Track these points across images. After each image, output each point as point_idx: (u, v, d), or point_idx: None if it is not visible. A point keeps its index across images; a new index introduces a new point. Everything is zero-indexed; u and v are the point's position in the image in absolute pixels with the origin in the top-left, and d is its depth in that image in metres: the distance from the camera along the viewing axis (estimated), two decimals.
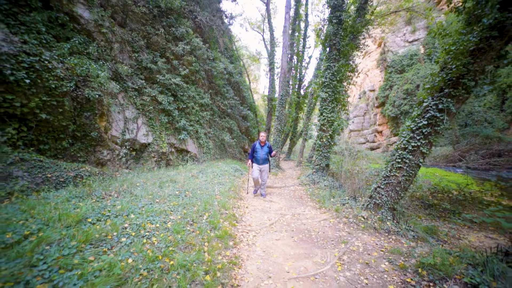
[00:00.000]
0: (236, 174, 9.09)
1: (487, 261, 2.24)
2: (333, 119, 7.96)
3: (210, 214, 3.86)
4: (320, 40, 10.69)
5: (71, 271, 1.82)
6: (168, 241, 2.68)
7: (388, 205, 4.29)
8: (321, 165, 8.07)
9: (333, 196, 5.86)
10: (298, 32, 16.96)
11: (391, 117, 28.40)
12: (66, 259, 1.94)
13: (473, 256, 2.44)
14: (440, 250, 2.80)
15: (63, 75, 4.52)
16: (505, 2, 3.17)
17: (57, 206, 2.94)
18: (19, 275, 1.66)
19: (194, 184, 5.66)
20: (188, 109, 9.28)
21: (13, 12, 3.98)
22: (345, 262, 2.97)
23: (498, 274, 2.04)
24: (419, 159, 4.11)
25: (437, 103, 3.91)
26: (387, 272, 2.69)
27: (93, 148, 5.73)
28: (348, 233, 3.89)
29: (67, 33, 5.19)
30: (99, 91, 5.34)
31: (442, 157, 21.31)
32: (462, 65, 3.61)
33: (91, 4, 5.67)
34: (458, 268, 2.38)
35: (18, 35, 3.92)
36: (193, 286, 2.07)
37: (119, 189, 4.38)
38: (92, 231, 2.46)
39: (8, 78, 3.55)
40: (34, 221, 2.50)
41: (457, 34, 3.86)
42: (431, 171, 11.01)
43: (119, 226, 2.75)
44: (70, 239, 2.24)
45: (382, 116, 31.80)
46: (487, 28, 3.33)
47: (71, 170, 4.64)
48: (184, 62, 8.75)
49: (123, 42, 6.77)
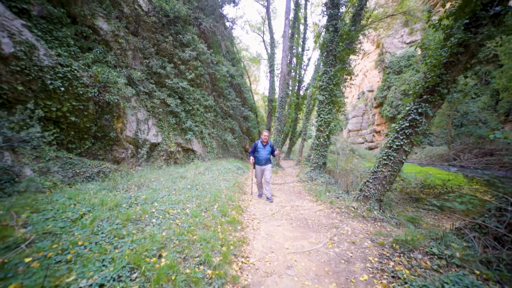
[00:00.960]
0: (239, 172, 9.68)
1: (443, 236, 2.84)
2: (330, 120, 8.55)
3: (219, 204, 4.45)
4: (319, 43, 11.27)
5: (123, 239, 2.42)
6: (189, 222, 3.27)
7: (376, 196, 4.89)
8: (319, 163, 8.67)
9: (329, 191, 6.46)
10: (298, 35, 17.56)
11: (389, 117, 28.97)
12: (117, 231, 2.54)
13: (436, 233, 3.04)
14: (412, 231, 3.39)
15: (88, 82, 5.11)
16: (469, 24, 3.77)
17: (95, 195, 3.53)
18: (89, 239, 2.25)
19: (202, 180, 6.25)
20: (194, 111, 9.87)
21: (49, 29, 4.57)
22: (335, 241, 3.57)
23: (449, 244, 2.63)
24: (402, 156, 4.71)
25: (417, 108, 4.51)
26: (369, 248, 3.29)
27: (110, 147, 6.32)
28: (339, 220, 4.49)
29: (89, 44, 5.77)
30: (117, 96, 5.93)
31: (437, 156, 21.95)
32: (436, 76, 4.21)
33: (109, 16, 6.26)
34: (423, 242, 2.98)
35: (54, 49, 4.51)
36: (213, 253, 2.66)
37: (138, 183, 4.97)
38: (129, 213, 3.05)
39: (48, 87, 4.15)
40: (82, 206, 3.09)
41: (434, 48, 4.46)
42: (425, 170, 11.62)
43: (148, 210, 3.35)
44: (115, 218, 2.83)
45: (380, 116, 32.37)
46: (456, 45, 3.93)
47: (94, 166, 5.23)
48: (190, 67, 9.34)
49: (136, 50, 7.36)
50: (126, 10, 6.89)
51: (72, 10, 5.22)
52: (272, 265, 2.83)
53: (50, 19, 4.72)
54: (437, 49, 4.35)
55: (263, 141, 5.69)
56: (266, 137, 5.69)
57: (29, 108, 3.72)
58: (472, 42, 3.77)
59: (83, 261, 1.92)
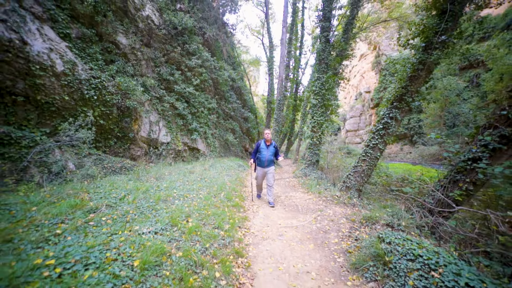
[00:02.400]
0: (240, 169, 10.62)
1: (397, 212, 3.78)
2: (322, 122, 9.48)
3: (225, 193, 5.37)
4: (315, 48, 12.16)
5: (159, 211, 3.34)
6: (203, 203, 4.19)
7: (356, 187, 5.83)
8: (312, 161, 9.60)
9: (319, 184, 7.39)
10: (296, 39, 18.50)
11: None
12: (153, 206, 3.47)
13: (393, 211, 3.98)
14: (378, 210, 4.33)
15: (113, 90, 6.04)
16: (426, 47, 4.71)
17: (127, 184, 4.46)
18: (133, 213, 3.18)
19: (208, 175, 7.18)
20: (199, 113, 10.80)
21: (83, 47, 5.49)
22: (318, 220, 4.51)
23: (401, 216, 3.57)
24: (377, 153, 5.66)
25: (389, 113, 5.45)
26: (343, 223, 4.23)
27: (128, 146, 7.24)
28: (324, 206, 5.42)
29: (111, 57, 6.69)
30: (135, 101, 6.85)
31: (429, 156, 22.97)
32: (402, 87, 5.16)
33: (128, 32, 7.18)
34: (383, 217, 3.91)
35: (87, 64, 5.44)
36: (223, 223, 3.59)
37: (155, 176, 5.90)
38: (158, 195, 3.98)
39: (85, 96, 5.07)
40: (120, 191, 4.01)
41: (401, 64, 5.41)
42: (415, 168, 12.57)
43: (171, 194, 4.28)
44: (149, 198, 3.76)
45: (377, 116, 33.24)
46: (417, 63, 4.87)
47: (117, 162, 6.15)
48: (196, 73, 10.27)
49: (148, 59, 8.29)
50: (141, 25, 7.81)
51: (99, 30, 6.15)
52: (267, 234, 3.77)
53: (84, 39, 5.65)
54: (403, 65, 5.30)
55: (266, 141, 5.20)
56: (269, 135, 5.20)
57: (86, 115, 4.67)
58: (429, 61, 4.72)
59: (138, 221, 2.85)
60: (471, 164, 3.32)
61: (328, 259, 3.03)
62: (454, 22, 4.55)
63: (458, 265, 2.00)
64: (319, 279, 2.57)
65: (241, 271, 2.59)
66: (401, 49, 28.69)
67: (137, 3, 7.57)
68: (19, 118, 4.07)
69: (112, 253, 1.96)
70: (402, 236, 2.74)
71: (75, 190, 3.57)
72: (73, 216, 2.67)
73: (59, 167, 4.43)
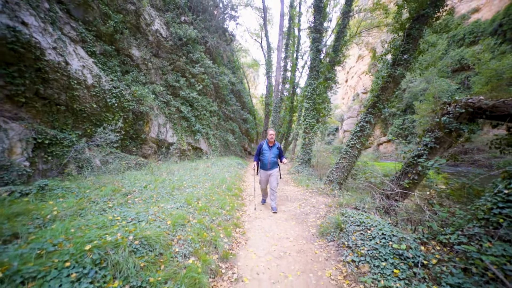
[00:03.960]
0: (239, 167, 11.60)
1: (364, 198, 4.77)
2: (314, 124, 10.47)
3: (226, 185, 6.36)
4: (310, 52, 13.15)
5: (175, 195, 4.33)
6: (209, 191, 5.17)
7: (337, 180, 6.82)
8: (304, 159, 10.58)
9: (309, 179, 8.38)
10: (292, 41, 19.47)
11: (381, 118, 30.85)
12: (170, 193, 4.45)
13: (361, 197, 4.96)
14: (350, 198, 5.31)
15: (129, 98, 7.02)
16: (393, 63, 5.70)
17: (145, 177, 5.44)
18: (156, 196, 4.16)
19: (211, 171, 8.16)
20: (201, 116, 11.79)
21: (105, 61, 6.48)
22: (302, 206, 5.49)
23: (366, 202, 4.56)
24: (356, 152, 6.65)
25: (365, 117, 6.44)
26: (322, 208, 5.21)
27: (140, 145, 8.23)
28: (310, 196, 6.41)
29: (127, 68, 7.68)
30: (147, 107, 7.83)
31: None
32: (375, 96, 6.14)
33: (140, 45, 8.16)
34: (353, 203, 4.89)
35: (108, 76, 6.42)
36: (226, 206, 4.57)
37: (166, 171, 6.88)
38: (172, 185, 4.96)
39: (108, 103, 6.06)
40: (141, 182, 4.99)
41: (375, 76, 6.40)
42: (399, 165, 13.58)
43: (182, 184, 5.26)
44: (166, 187, 4.74)
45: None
46: (386, 76, 5.87)
47: (133, 159, 7.14)
48: (198, 79, 11.26)
49: (157, 68, 9.27)
50: (151, 38, 8.80)
51: (117, 45, 7.13)
52: (260, 215, 4.75)
53: (105, 54, 6.63)
54: (377, 77, 6.30)
55: (269, 142, 4.86)
56: (273, 136, 4.80)
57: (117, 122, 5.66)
58: (395, 75, 5.71)
59: (161, 201, 3.83)
60: (416, 159, 4.31)
61: (304, 230, 4.02)
62: (414, 44, 5.54)
63: (383, 225, 3.00)
64: (295, 242, 3.55)
65: (238, 236, 3.58)
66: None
67: (147, 19, 8.56)
68: (60, 123, 5.05)
69: (152, 216, 2.94)
70: (357, 213, 3.73)
71: (109, 180, 4.56)
72: (115, 197, 3.66)
73: (89, 163, 5.42)
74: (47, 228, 2.27)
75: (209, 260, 2.55)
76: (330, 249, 3.25)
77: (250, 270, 2.70)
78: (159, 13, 9.51)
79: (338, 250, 3.15)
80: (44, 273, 1.57)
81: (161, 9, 9.71)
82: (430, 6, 5.21)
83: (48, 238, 1.91)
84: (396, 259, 2.51)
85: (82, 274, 1.65)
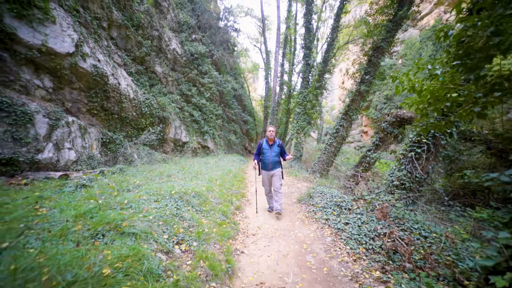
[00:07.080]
0: (241, 162, 13.52)
1: (332, 181, 6.67)
2: (304, 126, 12.36)
3: (233, 174, 8.25)
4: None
5: (199, 178, 6.22)
6: (221, 177, 7.06)
7: (319, 171, 8.72)
8: (297, 156, 12.47)
9: (298, 171, 10.28)
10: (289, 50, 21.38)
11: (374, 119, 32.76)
12: (195, 176, 6.34)
13: (332, 181, 6.85)
14: (325, 182, 7.21)
15: (156, 106, 8.91)
16: (361, 81, 7.60)
17: (173, 167, 7.33)
18: (187, 177, 6.05)
19: (219, 164, 10.06)
20: (209, 119, 13.68)
21: (138, 78, 8.36)
22: (290, 188, 7.39)
23: (335, 184, 6.46)
24: (333, 149, 8.55)
25: (340, 122, 8.34)
26: (304, 189, 7.10)
27: (162, 144, 10.11)
28: (297, 182, 8.30)
29: (152, 82, 9.57)
30: (167, 113, 9.72)
31: None
32: (347, 105, 8.05)
33: (162, 62, 10.05)
34: (327, 184, 6.78)
35: (141, 90, 8.31)
36: (234, 186, 6.46)
37: (185, 164, 8.78)
38: (196, 171, 6.85)
39: (142, 111, 7.95)
40: (166, 173, 6.85)
41: (349, 91, 8.29)
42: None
43: (201, 172, 7.15)
44: (191, 173, 6.63)
45: (367, 118, 36.02)
46: (355, 91, 7.76)
47: (158, 155, 9.03)
48: (207, 88, 13.15)
49: (174, 80, 11.17)
50: (169, 56, 10.69)
51: (146, 65, 9.02)
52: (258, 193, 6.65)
53: (138, 73, 8.51)
54: (350, 91, 8.19)
55: (268, 140, 4.50)
56: (272, 133, 4.44)
57: (158, 127, 7.55)
58: (361, 90, 7.61)
59: (193, 180, 5.72)
60: (367, 153, 6.21)
61: (287, 200, 5.92)
62: (375, 68, 7.44)
63: (334, 192, 4.90)
64: None
65: (243, 200, 5.49)
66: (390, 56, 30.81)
67: (167, 41, 10.45)
68: (113, 127, 6.94)
69: (193, 185, 4.82)
70: (323, 187, 5.63)
71: (151, 168, 6.45)
72: (163, 177, 5.55)
73: (131, 157, 7.31)
74: (142, 187, 4.16)
75: (229, 207, 4.46)
76: (302, 207, 5.17)
77: (252, 214, 4.62)
78: (175, 34, 11.40)
79: (307, 208, 5.06)
80: (156, 201, 3.46)
81: (176, 30, 11.60)
82: (384, 41, 7.12)
83: (152, 188, 3.81)
84: (336, 208, 4.42)
85: (173, 202, 3.54)
